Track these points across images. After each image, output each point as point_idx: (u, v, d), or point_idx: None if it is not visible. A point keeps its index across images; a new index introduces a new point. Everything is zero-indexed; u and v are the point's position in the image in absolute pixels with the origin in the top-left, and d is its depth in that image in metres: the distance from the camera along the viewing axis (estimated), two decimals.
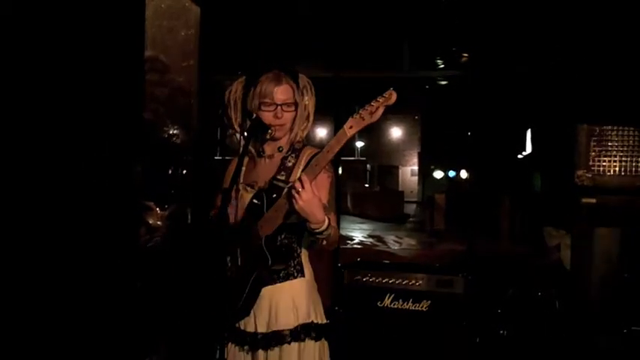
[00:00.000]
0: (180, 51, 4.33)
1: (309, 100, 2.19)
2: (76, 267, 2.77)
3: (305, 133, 2.20)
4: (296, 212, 1.91)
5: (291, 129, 2.14)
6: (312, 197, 1.88)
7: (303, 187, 1.87)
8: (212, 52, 4.71)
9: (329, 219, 1.95)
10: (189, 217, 4.79)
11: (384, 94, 1.87)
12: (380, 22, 4.81)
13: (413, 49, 4.43)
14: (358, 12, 4.74)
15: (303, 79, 2.20)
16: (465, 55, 6.05)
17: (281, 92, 2.09)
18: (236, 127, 2.22)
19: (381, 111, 1.87)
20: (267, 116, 2.08)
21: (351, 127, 1.88)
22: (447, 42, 5.76)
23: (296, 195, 1.87)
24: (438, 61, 6.47)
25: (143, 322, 3.23)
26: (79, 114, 2.82)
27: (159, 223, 5.12)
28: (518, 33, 4.39)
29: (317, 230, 1.93)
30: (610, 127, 2.39)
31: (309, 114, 2.20)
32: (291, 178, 2.06)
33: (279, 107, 2.08)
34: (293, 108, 2.11)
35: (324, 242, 1.98)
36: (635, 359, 2.35)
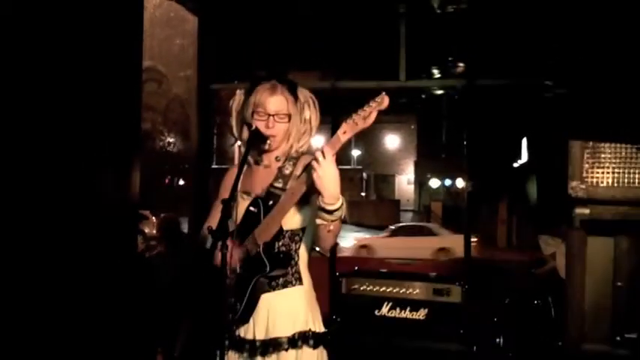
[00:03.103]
0: (178, 61, 4.35)
1: (311, 115, 2.19)
2: (73, 274, 2.77)
3: (304, 147, 2.19)
4: (309, 189, 1.88)
5: (286, 140, 2.15)
6: (332, 169, 1.84)
7: (324, 157, 1.85)
8: (211, 62, 4.74)
9: (343, 199, 1.91)
10: (189, 224, 4.81)
11: (376, 99, 1.84)
12: (376, 32, 4.85)
13: (409, 59, 4.46)
14: (354, 22, 4.78)
15: (305, 94, 2.20)
16: (461, 64, 6.09)
17: (274, 103, 2.09)
18: (236, 135, 2.24)
19: (374, 115, 1.83)
20: (259, 125, 2.08)
21: (344, 133, 1.86)
22: (443, 52, 5.80)
23: (315, 164, 1.84)
24: (435, 70, 6.51)
25: (141, 330, 3.23)
26: (77, 124, 2.83)
27: (155, 231, 5.13)
28: (513, 44, 4.43)
29: (330, 208, 1.88)
30: (603, 140, 2.42)
31: (310, 128, 2.19)
32: (288, 185, 2.06)
33: (271, 117, 2.08)
34: (286, 120, 2.10)
35: (331, 227, 1.93)
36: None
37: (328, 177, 1.84)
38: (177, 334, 3.65)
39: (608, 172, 2.41)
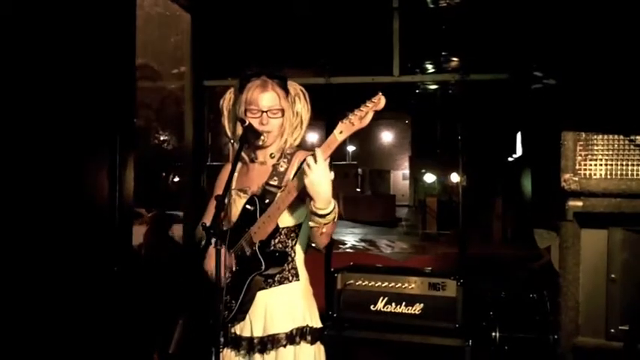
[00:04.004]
0: (172, 58, 4.33)
1: (302, 108, 2.19)
2: (68, 273, 2.77)
3: (297, 140, 2.20)
4: (304, 189, 1.88)
5: (281, 135, 2.15)
6: (324, 173, 1.84)
7: (316, 162, 1.85)
8: (204, 59, 4.73)
9: (335, 202, 1.92)
10: (183, 221, 4.80)
11: (373, 99, 1.85)
12: (369, 27, 4.85)
13: (403, 54, 4.46)
14: (348, 18, 4.77)
15: (295, 87, 2.21)
16: (455, 59, 6.09)
17: (266, 99, 2.09)
18: (229, 134, 2.24)
19: (370, 116, 1.84)
20: (253, 123, 2.08)
21: (341, 132, 1.86)
22: (436, 47, 5.80)
23: (307, 169, 1.84)
24: (428, 65, 6.52)
25: (137, 329, 3.23)
26: (72, 123, 2.83)
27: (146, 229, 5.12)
28: (506, 37, 4.43)
29: (322, 212, 1.89)
30: (596, 132, 2.43)
31: (301, 121, 2.20)
32: (284, 183, 2.07)
33: (264, 114, 2.09)
34: (279, 115, 2.11)
35: (324, 229, 1.94)
36: (622, 359, 2.39)
37: (320, 181, 1.85)
38: (173, 332, 3.65)
39: (601, 165, 2.42)
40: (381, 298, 3.49)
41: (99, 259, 2.96)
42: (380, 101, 1.84)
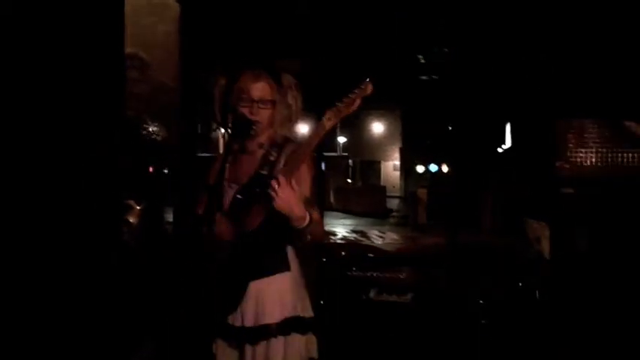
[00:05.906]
0: (161, 48, 4.31)
1: (293, 100, 2.19)
2: (59, 264, 2.76)
3: (288, 132, 2.20)
4: (276, 211, 1.93)
5: (270, 127, 2.15)
6: (290, 194, 1.90)
7: (279, 185, 1.89)
8: (194, 49, 4.70)
9: (310, 214, 1.97)
10: (173, 213, 4.79)
11: (361, 86, 1.89)
12: (363, 18, 4.83)
13: (395, 45, 4.46)
14: (341, 8, 4.76)
15: (288, 79, 2.20)
16: (446, 50, 6.10)
17: (257, 89, 2.10)
18: (219, 121, 2.24)
19: (358, 102, 1.88)
20: (243, 112, 2.09)
21: (329, 119, 1.89)
22: (428, 38, 5.80)
23: (273, 193, 1.89)
24: (419, 56, 6.52)
25: (129, 319, 3.23)
26: (60, 113, 2.80)
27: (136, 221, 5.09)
28: (498, 28, 4.44)
29: (299, 227, 1.96)
30: (587, 120, 2.45)
31: (292, 113, 2.20)
32: (274, 172, 2.06)
33: (255, 104, 2.09)
34: (270, 106, 2.12)
35: (309, 237, 2.01)
36: (614, 344, 2.41)
37: (288, 203, 1.90)
38: (164, 322, 3.65)
39: (592, 152, 2.44)
40: (372, 287, 3.51)
41: (89, 250, 2.94)
42: (367, 88, 1.87)
